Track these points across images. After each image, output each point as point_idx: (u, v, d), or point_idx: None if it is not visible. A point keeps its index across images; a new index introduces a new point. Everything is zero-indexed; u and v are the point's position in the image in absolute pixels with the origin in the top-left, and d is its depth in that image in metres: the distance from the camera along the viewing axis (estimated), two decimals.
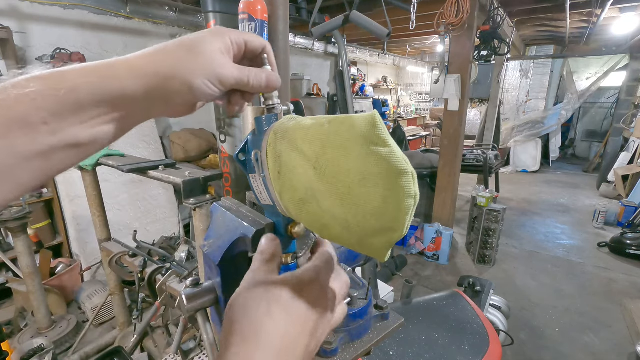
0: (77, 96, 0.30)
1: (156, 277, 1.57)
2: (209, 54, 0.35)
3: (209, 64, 0.35)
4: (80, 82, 0.30)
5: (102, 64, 0.32)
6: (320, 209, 0.35)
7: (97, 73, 0.31)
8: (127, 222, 3.03)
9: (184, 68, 0.34)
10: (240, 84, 0.38)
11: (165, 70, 0.33)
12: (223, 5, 2.05)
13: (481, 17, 3.45)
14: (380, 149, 0.29)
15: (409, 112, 9.10)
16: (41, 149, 0.29)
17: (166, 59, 0.34)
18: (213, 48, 0.36)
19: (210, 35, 0.37)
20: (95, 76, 0.31)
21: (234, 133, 2.22)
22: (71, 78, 0.30)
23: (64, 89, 0.29)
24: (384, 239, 0.32)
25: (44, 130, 0.28)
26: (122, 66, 0.32)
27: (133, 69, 0.32)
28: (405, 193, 0.29)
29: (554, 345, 2.39)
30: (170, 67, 0.34)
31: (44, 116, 0.28)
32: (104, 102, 0.31)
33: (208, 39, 0.36)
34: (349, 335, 0.66)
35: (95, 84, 0.30)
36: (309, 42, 4.78)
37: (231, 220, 0.55)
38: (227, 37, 0.38)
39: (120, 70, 0.32)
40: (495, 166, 4.61)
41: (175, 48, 0.35)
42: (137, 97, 0.32)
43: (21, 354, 1.90)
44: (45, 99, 0.28)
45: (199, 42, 0.35)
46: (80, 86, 0.30)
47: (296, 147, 0.36)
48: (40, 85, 0.28)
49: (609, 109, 8.09)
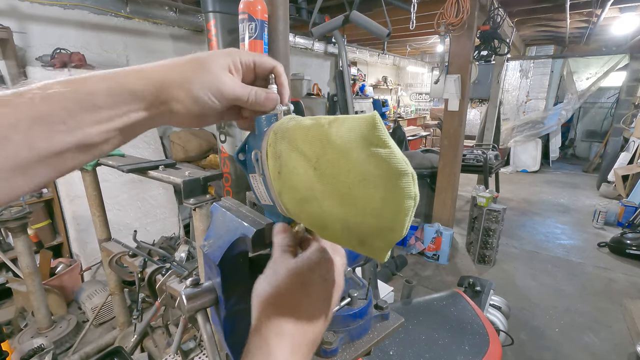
0: (94, 98, 0.32)
1: (156, 277, 1.57)
2: (214, 70, 0.38)
3: (213, 78, 0.38)
4: (99, 87, 0.33)
5: (120, 71, 0.35)
6: (320, 209, 0.35)
7: (114, 79, 0.34)
8: (127, 222, 3.03)
9: (189, 79, 0.37)
10: (241, 100, 0.41)
11: (172, 78, 0.36)
12: (223, 5, 2.04)
13: (481, 17, 3.45)
14: (380, 150, 0.29)
15: (409, 112, 9.10)
16: (58, 148, 0.31)
17: (175, 69, 0.37)
18: (219, 64, 0.39)
19: (220, 54, 0.40)
20: (112, 81, 0.34)
21: (234, 133, 2.22)
22: (91, 83, 0.33)
23: (83, 92, 0.32)
24: (383, 239, 0.32)
25: (62, 130, 0.31)
26: (134, 73, 0.35)
27: (143, 76, 0.35)
28: (405, 194, 0.29)
29: (554, 345, 2.39)
30: (177, 76, 0.37)
31: (63, 116, 0.31)
32: (117, 105, 0.34)
33: (217, 57, 0.39)
34: (349, 335, 0.66)
35: (112, 88, 0.33)
36: (309, 42, 4.78)
37: (231, 220, 0.55)
38: (237, 57, 0.41)
39: (132, 76, 0.35)
40: (495, 166, 4.61)
41: (186, 61, 0.38)
42: (144, 101, 0.35)
43: (21, 354, 1.90)
44: (66, 100, 0.31)
45: (208, 59, 0.38)
46: (98, 90, 0.33)
47: (296, 147, 0.36)
48: (62, 87, 0.31)
49: (609, 109, 8.09)
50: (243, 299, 0.58)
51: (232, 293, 0.56)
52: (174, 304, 1.50)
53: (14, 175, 0.29)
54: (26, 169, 0.30)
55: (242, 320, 0.60)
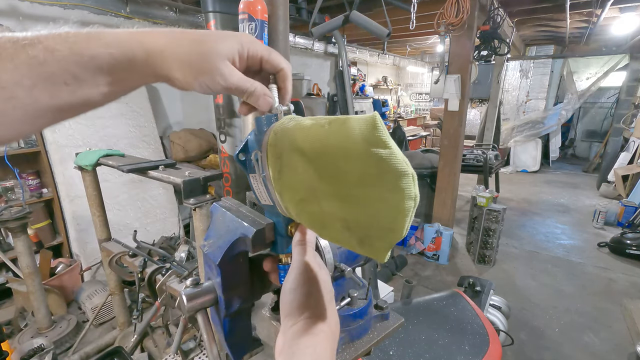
0: (97, 63, 0.34)
1: (156, 277, 1.57)
2: (213, 60, 0.38)
3: (212, 67, 0.38)
4: (101, 52, 0.34)
5: (121, 35, 0.35)
6: (320, 210, 0.35)
7: (117, 46, 0.35)
8: (127, 222, 3.03)
9: (187, 62, 0.37)
10: (238, 92, 0.41)
11: (171, 57, 0.37)
12: (223, 5, 2.05)
13: (481, 17, 3.45)
14: (380, 151, 0.29)
15: (409, 112, 9.10)
16: (59, 105, 0.33)
17: (176, 48, 0.37)
18: (222, 53, 0.38)
19: (228, 39, 0.40)
20: (114, 48, 0.34)
21: (234, 133, 2.22)
22: (94, 46, 0.33)
23: (87, 56, 0.33)
24: (383, 240, 0.32)
25: (65, 90, 0.33)
26: (136, 42, 0.36)
27: (145, 47, 0.36)
28: (405, 195, 0.29)
29: (554, 345, 2.39)
30: (175, 57, 0.37)
31: (66, 78, 0.32)
32: (117, 71, 0.35)
33: (222, 42, 0.39)
34: (349, 335, 0.66)
35: (114, 55, 0.34)
36: (309, 42, 4.78)
37: (231, 220, 0.55)
38: (246, 48, 0.41)
39: (134, 44, 0.35)
40: (495, 166, 4.61)
41: (189, 42, 0.38)
42: (142, 72, 0.37)
43: (21, 354, 1.90)
44: (69, 63, 0.32)
45: (211, 44, 0.38)
46: (101, 55, 0.34)
47: (296, 148, 0.36)
48: (66, 49, 0.32)
49: (609, 109, 8.08)
50: (243, 299, 0.58)
51: (232, 293, 0.56)
52: (174, 304, 1.50)
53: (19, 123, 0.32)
54: (29, 118, 0.32)
55: (242, 320, 0.60)
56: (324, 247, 0.59)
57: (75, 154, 1.91)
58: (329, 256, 0.58)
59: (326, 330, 0.39)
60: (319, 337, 0.38)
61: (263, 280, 0.60)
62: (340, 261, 0.64)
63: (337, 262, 0.62)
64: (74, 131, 2.72)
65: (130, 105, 3.06)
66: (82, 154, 1.85)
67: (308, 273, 0.43)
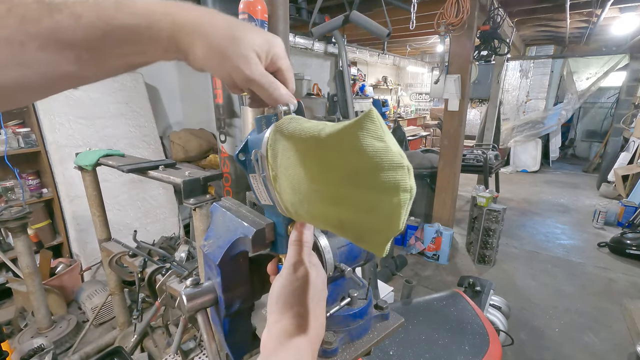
0: (123, 33, 0.33)
1: (156, 277, 1.57)
2: (242, 52, 0.38)
3: (239, 60, 0.38)
4: (129, 23, 0.33)
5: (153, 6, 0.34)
6: (319, 208, 0.35)
7: (145, 17, 0.34)
8: (127, 222, 3.03)
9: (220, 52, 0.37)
10: (255, 85, 0.40)
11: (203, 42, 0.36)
12: (223, 5, 2.05)
13: (481, 17, 3.45)
14: (375, 143, 0.29)
15: (409, 112, 9.10)
16: (82, 74, 0.34)
17: (209, 36, 0.36)
18: (250, 48, 0.38)
19: (260, 38, 0.40)
20: (143, 19, 0.34)
21: (234, 133, 2.22)
22: (121, 17, 0.33)
23: (114, 25, 0.32)
24: (381, 233, 0.32)
25: (86, 57, 0.33)
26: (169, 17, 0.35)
27: (176, 29, 0.35)
28: (400, 187, 0.29)
29: (554, 345, 2.39)
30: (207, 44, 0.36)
31: (90, 47, 0.32)
32: (140, 44, 0.35)
33: (253, 39, 0.39)
34: (349, 335, 0.66)
35: (141, 26, 0.34)
36: (309, 42, 4.78)
37: (231, 220, 0.55)
38: (272, 52, 0.41)
39: (164, 22, 0.35)
40: (495, 166, 4.61)
41: (223, 36, 0.37)
42: (169, 50, 0.36)
43: (21, 354, 1.90)
44: (96, 31, 0.32)
45: (243, 40, 0.38)
46: (128, 26, 0.33)
47: (295, 148, 0.36)
48: (95, 17, 0.31)
49: (609, 109, 8.08)
50: (243, 299, 0.58)
51: (232, 293, 0.56)
52: (174, 304, 1.50)
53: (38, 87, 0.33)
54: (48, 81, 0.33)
55: (242, 320, 0.60)
56: (324, 246, 0.59)
57: (75, 154, 1.91)
58: (328, 256, 0.58)
59: (309, 331, 0.39)
60: (301, 339, 0.39)
61: (263, 281, 0.60)
62: (340, 261, 0.64)
63: (337, 262, 0.62)
64: (74, 131, 2.72)
65: (130, 105, 3.06)
66: (82, 154, 1.85)
67: (299, 272, 0.43)
